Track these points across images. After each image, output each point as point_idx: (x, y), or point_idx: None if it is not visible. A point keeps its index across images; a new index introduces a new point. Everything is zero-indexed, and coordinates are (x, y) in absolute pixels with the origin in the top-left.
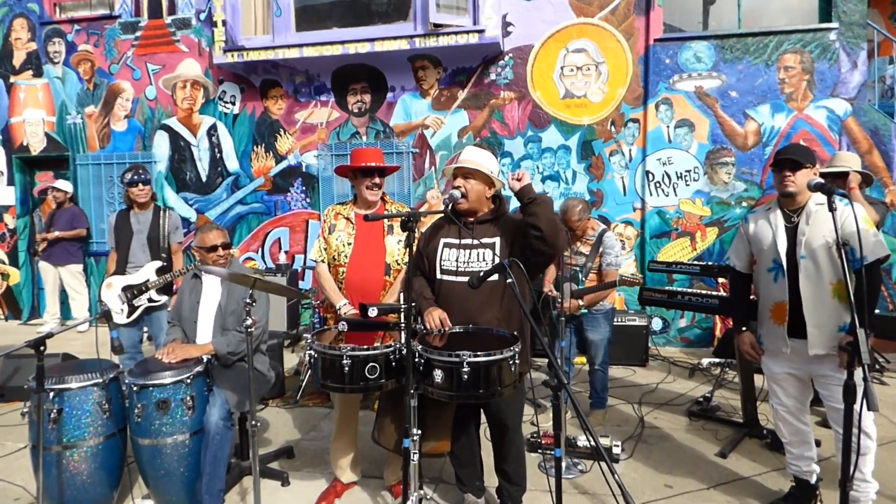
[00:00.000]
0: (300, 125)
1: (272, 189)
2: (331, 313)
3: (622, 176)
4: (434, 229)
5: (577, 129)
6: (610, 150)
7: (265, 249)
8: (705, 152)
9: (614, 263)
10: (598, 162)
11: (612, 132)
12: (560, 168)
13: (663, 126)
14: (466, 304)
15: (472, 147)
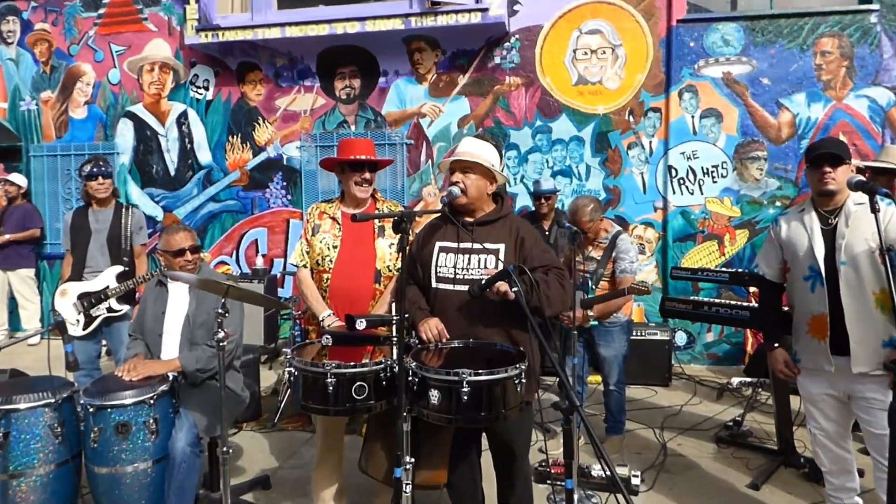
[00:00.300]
0: (281, 113)
1: (249, 184)
2: (313, 325)
3: (642, 171)
4: (429, 231)
5: (592, 119)
6: (628, 142)
7: (240, 252)
8: (734, 145)
9: (629, 270)
10: (614, 156)
11: (630, 123)
12: (572, 162)
13: (687, 116)
14: (466, 315)
15: (470, 138)
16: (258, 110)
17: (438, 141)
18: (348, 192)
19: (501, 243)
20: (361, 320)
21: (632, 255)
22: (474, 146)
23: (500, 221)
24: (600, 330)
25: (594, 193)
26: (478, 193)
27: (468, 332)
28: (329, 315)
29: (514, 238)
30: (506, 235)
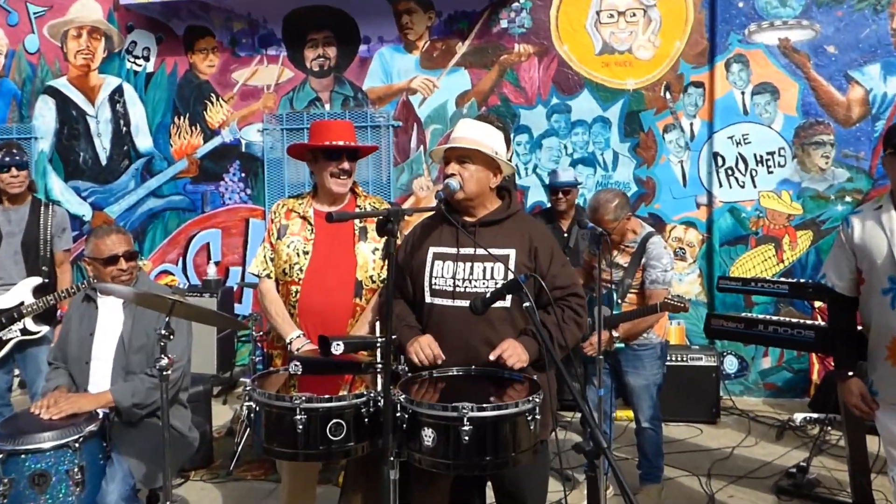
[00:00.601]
0: (239, 89)
1: (199, 176)
2: (279, 349)
3: (681, 160)
4: (421, 234)
5: (620, 96)
6: (664, 124)
7: (188, 260)
8: (794, 128)
9: (661, 280)
10: (647, 140)
11: (666, 100)
12: (596, 148)
13: (736, 92)
14: (467, 337)
15: (469, 120)
16: (210, 85)
17: (432, 123)
18: (322, 185)
19: (510, 248)
20: (338, 343)
21: (665, 263)
22: (474, 130)
23: (507, 221)
24: (628, 354)
25: (622, 186)
26: (478, 188)
27: (470, 358)
28: (298, 337)
29: (525, 243)
30: (515, 239)
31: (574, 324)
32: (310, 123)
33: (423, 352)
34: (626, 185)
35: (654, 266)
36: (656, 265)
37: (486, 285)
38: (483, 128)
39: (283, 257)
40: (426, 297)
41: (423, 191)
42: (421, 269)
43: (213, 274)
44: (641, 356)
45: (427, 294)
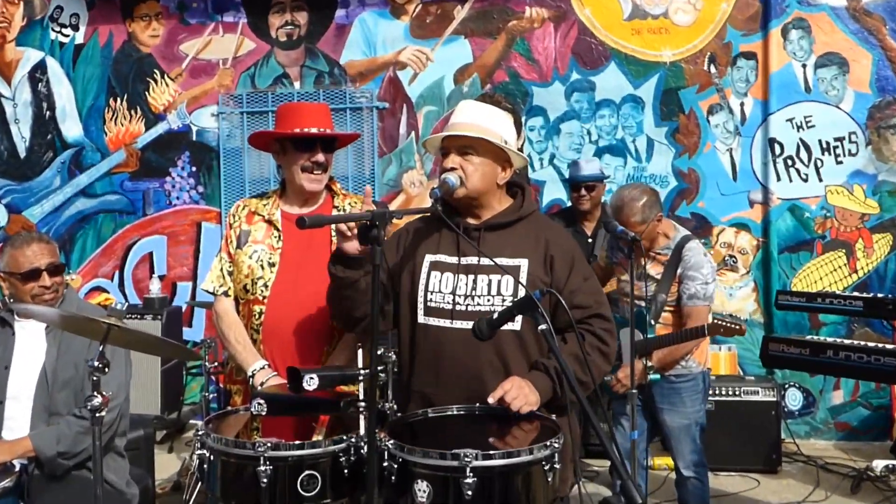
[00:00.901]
0: (189, 64)
1: (140, 171)
2: (238, 384)
3: (730, 147)
4: (415, 237)
5: (654, 71)
6: (709, 104)
7: (126, 274)
8: (867, 108)
9: (701, 295)
10: (689, 124)
11: (711, 75)
12: (626, 134)
13: (796, 65)
14: (469, 367)
15: (471, 102)
16: (153, 60)
17: (426, 104)
18: (292, 182)
19: (522, 258)
20: (312, 376)
21: (706, 273)
22: (478, 113)
23: (519, 224)
24: (663, 388)
25: (659, 180)
26: (484, 184)
27: (473, 393)
28: (263, 368)
29: (540, 250)
30: (529, 246)
31: (599, 354)
32: (276, 106)
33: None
34: (663, 179)
35: (693, 278)
36: (695, 276)
37: (493, 303)
38: (489, 111)
39: (243, 270)
40: (419, 316)
41: (414, 187)
42: (414, 282)
43: (157, 291)
44: (679, 390)
45: (420, 312)
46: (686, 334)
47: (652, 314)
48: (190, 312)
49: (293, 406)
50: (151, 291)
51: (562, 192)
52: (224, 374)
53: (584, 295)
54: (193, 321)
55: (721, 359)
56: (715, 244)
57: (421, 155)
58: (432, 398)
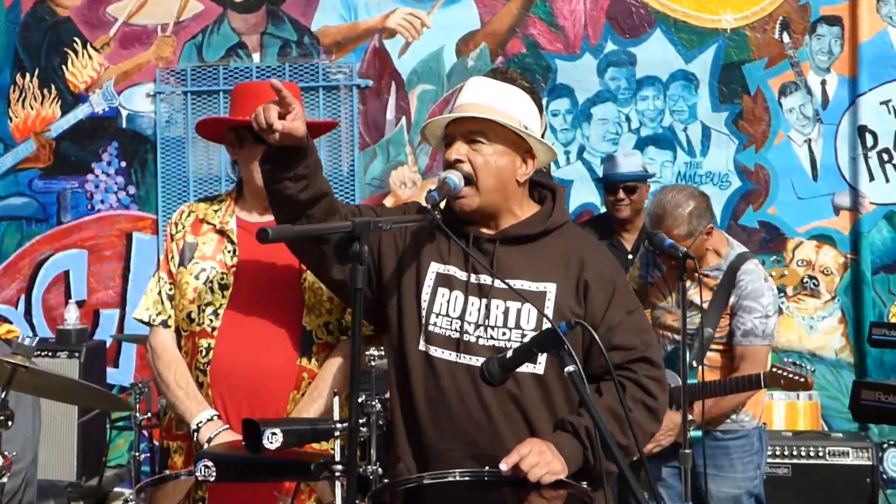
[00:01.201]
0: (118, 31)
1: (54, 166)
2: (179, 439)
3: (808, 138)
4: (414, 239)
5: (710, 40)
6: (781, 82)
7: (34, 298)
8: None
9: (759, 332)
10: (755, 108)
11: (784, 46)
12: (676, 120)
13: (893, 33)
14: (479, 416)
15: (482, 78)
16: (73, 25)
17: (420, 82)
18: (250, 182)
19: (549, 282)
20: (275, 431)
21: (766, 304)
22: (492, 92)
23: (548, 238)
24: (707, 447)
25: (717, 179)
26: (498, 182)
27: (483, 451)
28: (211, 420)
29: (572, 273)
30: (558, 266)
31: (644, 410)
32: (229, 85)
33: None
34: (722, 178)
35: (751, 309)
36: (753, 308)
37: (509, 337)
38: (506, 89)
39: (188, 294)
40: (420, 343)
41: (405, 188)
42: (413, 295)
43: (75, 321)
44: (728, 450)
45: (420, 338)
46: (736, 383)
47: (693, 353)
48: (116, 348)
49: (250, 469)
50: (67, 321)
51: (594, 194)
52: (160, 428)
53: (626, 333)
54: (121, 360)
55: (799, 410)
56: (790, 262)
57: (414, 147)
58: (430, 455)
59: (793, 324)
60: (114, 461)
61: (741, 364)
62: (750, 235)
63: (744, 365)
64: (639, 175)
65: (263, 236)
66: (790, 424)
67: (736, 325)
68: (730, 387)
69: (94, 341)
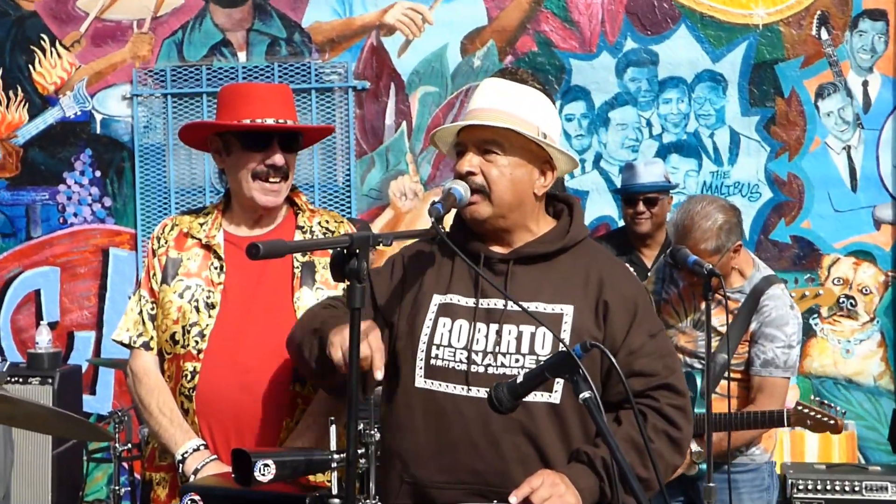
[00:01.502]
0: (90, 26)
1: (21, 176)
2: (163, 471)
3: (847, 145)
4: (414, 267)
5: (740, 37)
6: (818, 83)
7: (2, 320)
8: None
9: (781, 363)
10: (789, 112)
11: (822, 43)
12: (702, 125)
13: None
14: (486, 451)
15: (500, 80)
16: (39, 21)
17: (422, 84)
18: (239, 193)
19: (566, 303)
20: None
21: (790, 333)
22: (508, 96)
23: (565, 256)
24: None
25: (747, 189)
26: (515, 196)
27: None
28: (197, 450)
29: (591, 293)
30: (576, 286)
31: (667, 441)
32: (211, 86)
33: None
34: (752, 189)
35: (773, 337)
36: (775, 336)
37: (523, 364)
38: (523, 92)
39: (171, 314)
40: (416, 380)
41: (406, 200)
42: (414, 330)
43: (47, 344)
44: (737, 484)
45: (419, 373)
46: (755, 419)
47: (704, 379)
48: (93, 374)
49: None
50: (38, 345)
51: (611, 206)
52: (142, 459)
53: (648, 358)
54: (97, 386)
55: (834, 441)
56: (825, 280)
57: (415, 155)
58: (432, 494)
59: (827, 347)
60: (91, 496)
61: (758, 396)
62: (782, 251)
63: (761, 397)
64: (660, 186)
65: (253, 252)
66: (824, 457)
67: (756, 354)
68: (748, 421)
69: (69, 366)
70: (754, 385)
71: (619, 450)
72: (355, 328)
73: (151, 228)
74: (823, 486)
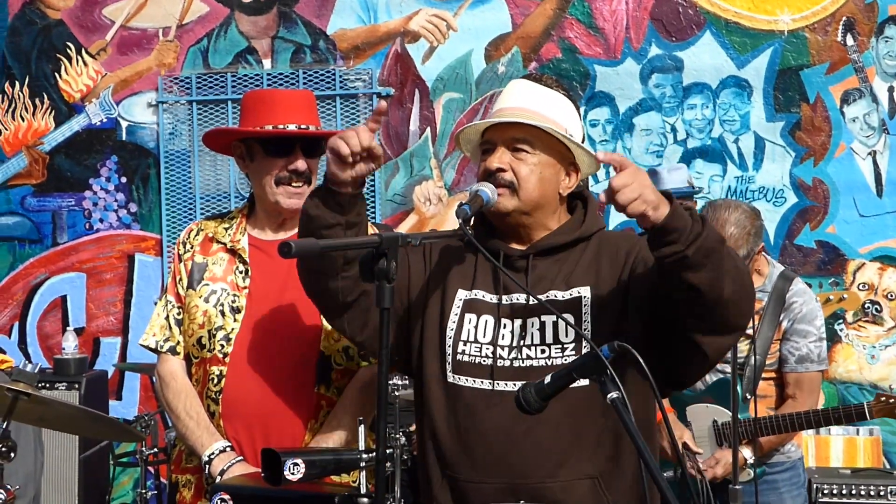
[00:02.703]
0: (116, 34)
1: (48, 182)
2: (190, 473)
3: (873, 150)
4: (441, 263)
5: (765, 43)
6: (844, 88)
7: (29, 325)
8: None
9: (815, 357)
10: (813, 117)
11: (847, 49)
12: (726, 131)
13: None
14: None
15: (526, 82)
16: (66, 29)
17: (446, 90)
18: (263, 198)
19: (582, 286)
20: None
21: (820, 326)
22: (535, 97)
23: (581, 247)
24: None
25: (772, 195)
26: (542, 193)
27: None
28: (224, 451)
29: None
30: (590, 269)
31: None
32: (237, 93)
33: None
34: (777, 194)
35: (806, 333)
36: (808, 332)
37: (549, 354)
38: (549, 94)
39: (197, 319)
40: (447, 375)
41: (430, 205)
42: (442, 325)
43: (73, 350)
44: (776, 484)
45: (449, 369)
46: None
47: (744, 385)
48: (118, 379)
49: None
50: (65, 350)
51: None
52: (168, 463)
53: None
54: (123, 391)
55: (859, 446)
56: (850, 285)
57: (439, 160)
58: (467, 491)
59: (852, 353)
60: (118, 500)
61: (797, 393)
62: (807, 256)
63: (801, 394)
64: (684, 192)
65: (286, 251)
66: (849, 461)
67: (789, 351)
68: (825, 419)
69: (95, 371)
70: (790, 382)
71: (646, 450)
72: (384, 328)
73: (177, 234)
74: (849, 490)
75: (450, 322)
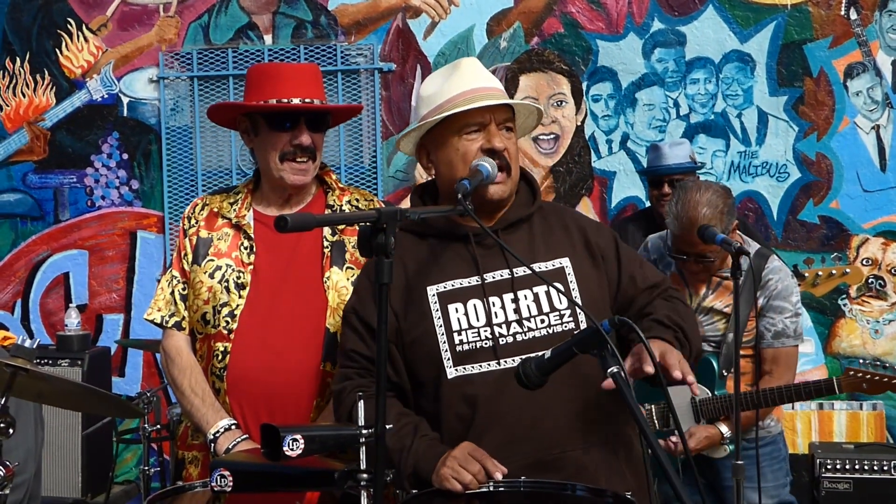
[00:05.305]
0: (116, 10)
1: (49, 159)
2: (195, 450)
3: (876, 124)
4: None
5: (768, 18)
6: (847, 62)
7: (31, 302)
8: None
9: (791, 332)
10: (816, 92)
11: (850, 23)
12: (729, 106)
13: None
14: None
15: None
16: (66, 5)
17: None
18: (268, 173)
19: (562, 256)
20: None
21: (795, 302)
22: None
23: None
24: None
25: (775, 169)
26: (517, 171)
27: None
28: (229, 429)
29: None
30: (563, 239)
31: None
32: (237, 69)
33: (469, 469)
34: (781, 169)
35: (781, 309)
36: (783, 308)
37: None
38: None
39: (202, 294)
40: (447, 372)
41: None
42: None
43: (76, 326)
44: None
45: (448, 365)
46: (800, 390)
47: (722, 362)
48: (121, 356)
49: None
50: (68, 327)
51: (638, 187)
52: (173, 440)
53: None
54: (126, 368)
55: (862, 421)
56: (853, 260)
57: None
58: None
59: (856, 328)
60: (121, 476)
61: (774, 368)
62: (810, 231)
63: (777, 369)
64: (686, 167)
65: (281, 225)
66: (852, 436)
67: (765, 327)
68: (796, 394)
69: (98, 348)
70: (767, 357)
71: (647, 425)
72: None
73: (179, 211)
74: (852, 465)
75: (434, 320)
